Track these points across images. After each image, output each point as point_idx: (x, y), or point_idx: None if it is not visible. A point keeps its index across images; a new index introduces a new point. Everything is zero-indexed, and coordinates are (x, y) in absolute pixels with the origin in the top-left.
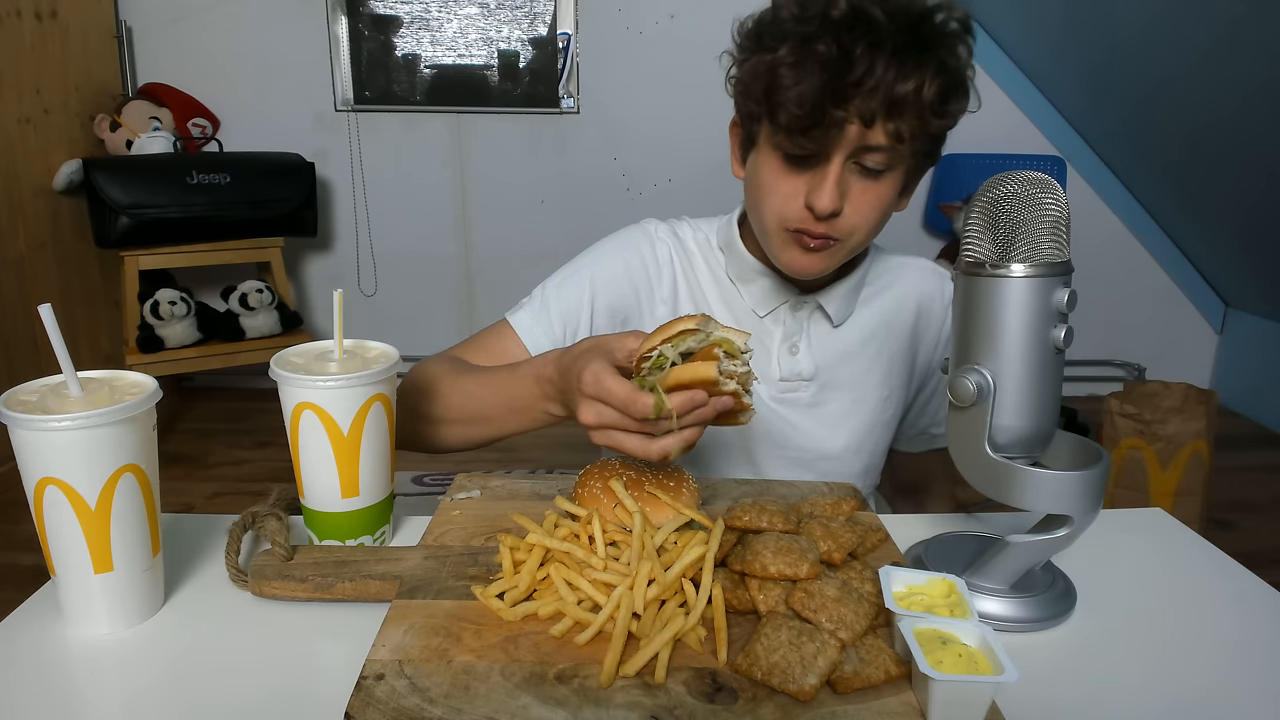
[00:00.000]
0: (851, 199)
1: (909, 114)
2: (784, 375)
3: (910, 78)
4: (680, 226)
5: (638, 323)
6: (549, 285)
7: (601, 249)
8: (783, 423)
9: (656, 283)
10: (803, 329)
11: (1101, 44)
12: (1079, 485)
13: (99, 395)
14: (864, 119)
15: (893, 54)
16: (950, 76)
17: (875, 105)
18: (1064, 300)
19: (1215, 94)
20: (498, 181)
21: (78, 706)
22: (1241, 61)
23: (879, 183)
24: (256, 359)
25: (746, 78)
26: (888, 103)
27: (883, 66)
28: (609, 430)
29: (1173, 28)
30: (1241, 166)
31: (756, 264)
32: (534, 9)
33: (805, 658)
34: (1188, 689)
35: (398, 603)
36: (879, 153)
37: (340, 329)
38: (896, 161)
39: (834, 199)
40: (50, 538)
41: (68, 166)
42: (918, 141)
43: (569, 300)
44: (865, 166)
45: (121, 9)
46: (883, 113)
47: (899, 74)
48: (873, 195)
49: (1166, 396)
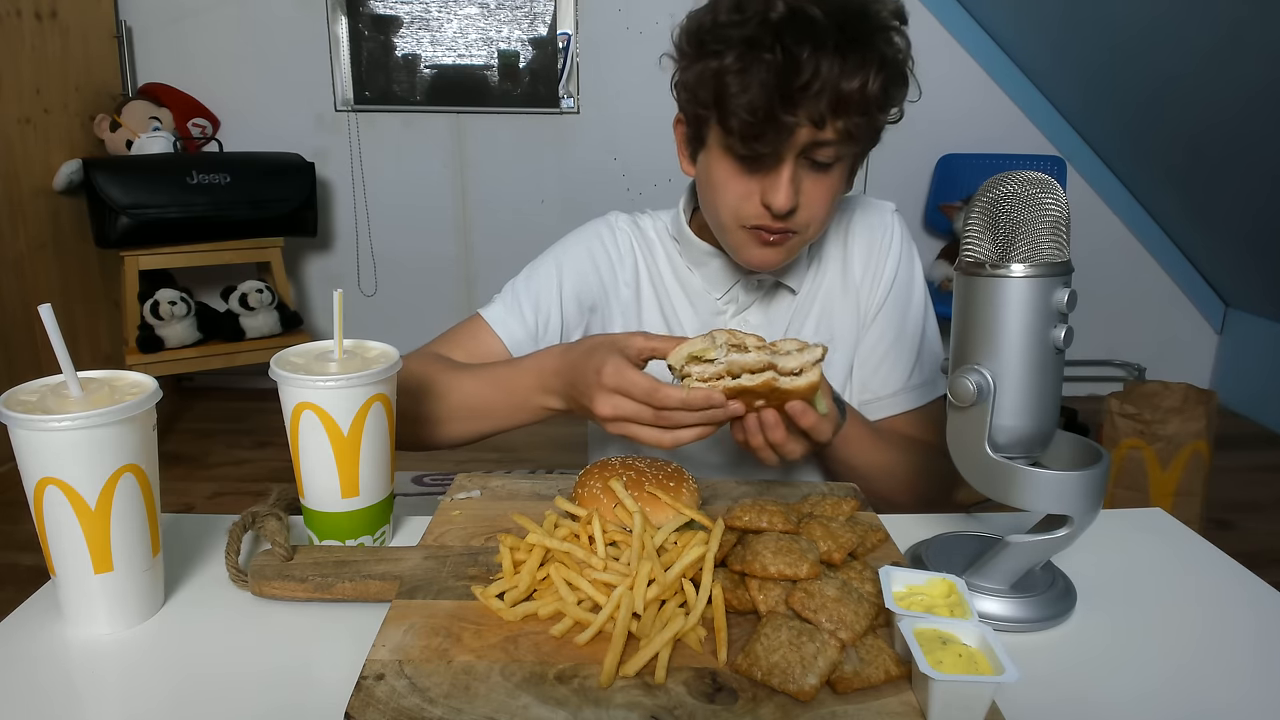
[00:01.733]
0: (805, 193)
1: (855, 110)
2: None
3: (854, 75)
4: (641, 218)
5: (604, 309)
6: (518, 280)
7: (567, 242)
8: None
9: (620, 269)
10: (756, 304)
11: (1103, 45)
12: (1079, 485)
13: (99, 395)
14: (814, 120)
15: (835, 52)
16: (892, 69)
17: (823, 106)
18: (1064, 300)
19: (1219, 96)
20: (498, 181)
21: (78, 706)
22: (1245, 63)
23: (829, 174)
24: (256, 359)
25: (693, 83)
26: (835, 102)
27: (827, 66)
28: (626, 422)
29: (1175, 29)
30: (1246, 169)
31: (706, 247)
32: (534, 9)
33: (805, 658)
34: (1188, 689)
35: (398, 603)
36: (828, 147)
37: (340, 329)
38: (845, 153)
39: (790, 197)
40: (50, 538)
41: (68, 166)
42: (865, 133)
43: (538, 290)
44: (815, 161)
45: (121, 9)
46: (830, 112)
47: (843, 72)
48: (824, 187)
49: (1166, 396)
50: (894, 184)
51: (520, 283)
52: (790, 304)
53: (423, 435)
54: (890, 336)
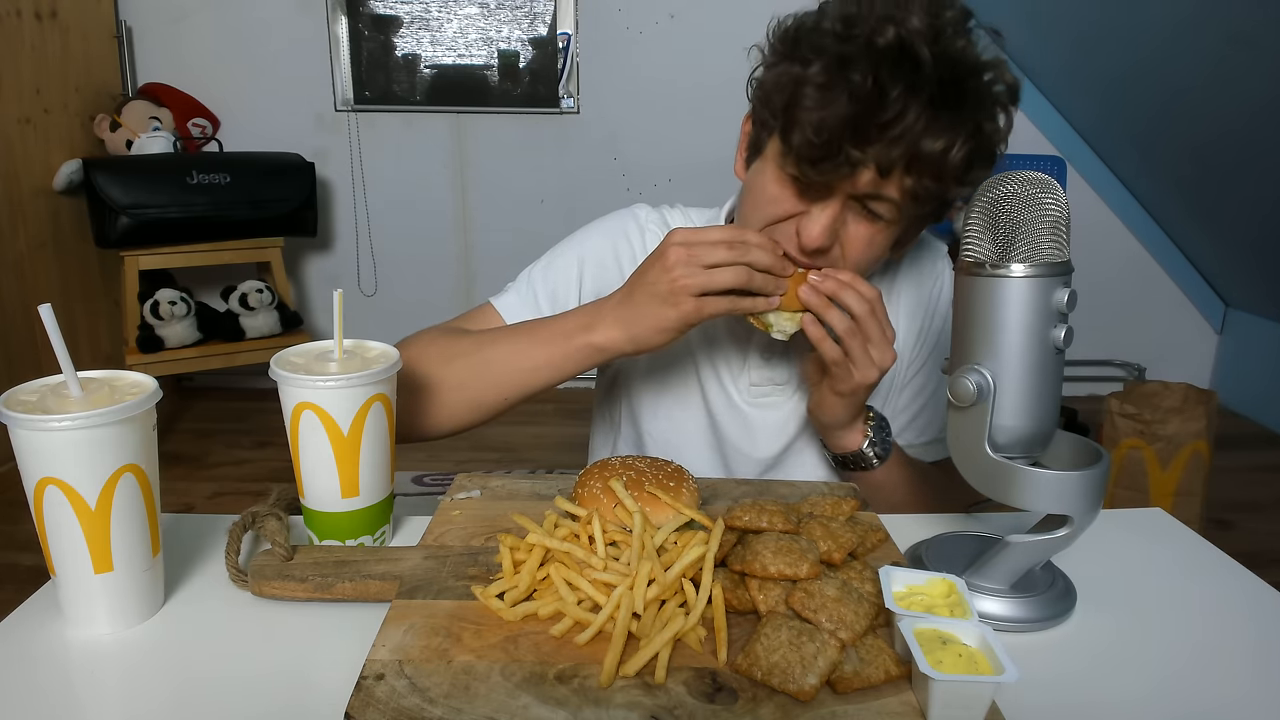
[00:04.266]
0: (845, 239)
1: (928, 173)
2: (755, 380)
3: (941, 135)
4: (671, 214)
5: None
6: (535, 269)
7: (589, 232)
8: (757, 420)
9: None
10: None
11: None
12: (1079, 485)
13: (99, 395)
14: (881, 167)
15: (929, 103)
16: (983, 142)
17: (896, 155)
18: (1064, 300)
19: (1228, 106)
20: (498, 181)
21: (78, 706)
22: (1253, 75)
23: (877, 226)
24: (256, 359)
25: (769, 85)
26: (910, 155)
27: (915, 114)
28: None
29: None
30: (1256, 177)
31: None
32: (534, 9)
33: (805, 658)
34: (1188, 689)
35: (398, 603)
36: (887, 203)
37: (340, 329)
38: (903, 213)
39: (823, 236)
40: (50, 538)
41: (68, 166)
42: (930, 201)
43: (556, 280)
44: (869, 209)
45: (121, 9)
46: (902, 165)
47: (929, 127)
48: (867, 237)
49: (1166, 396)
50: None
51: (538, 272)
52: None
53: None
54: (930, 389)
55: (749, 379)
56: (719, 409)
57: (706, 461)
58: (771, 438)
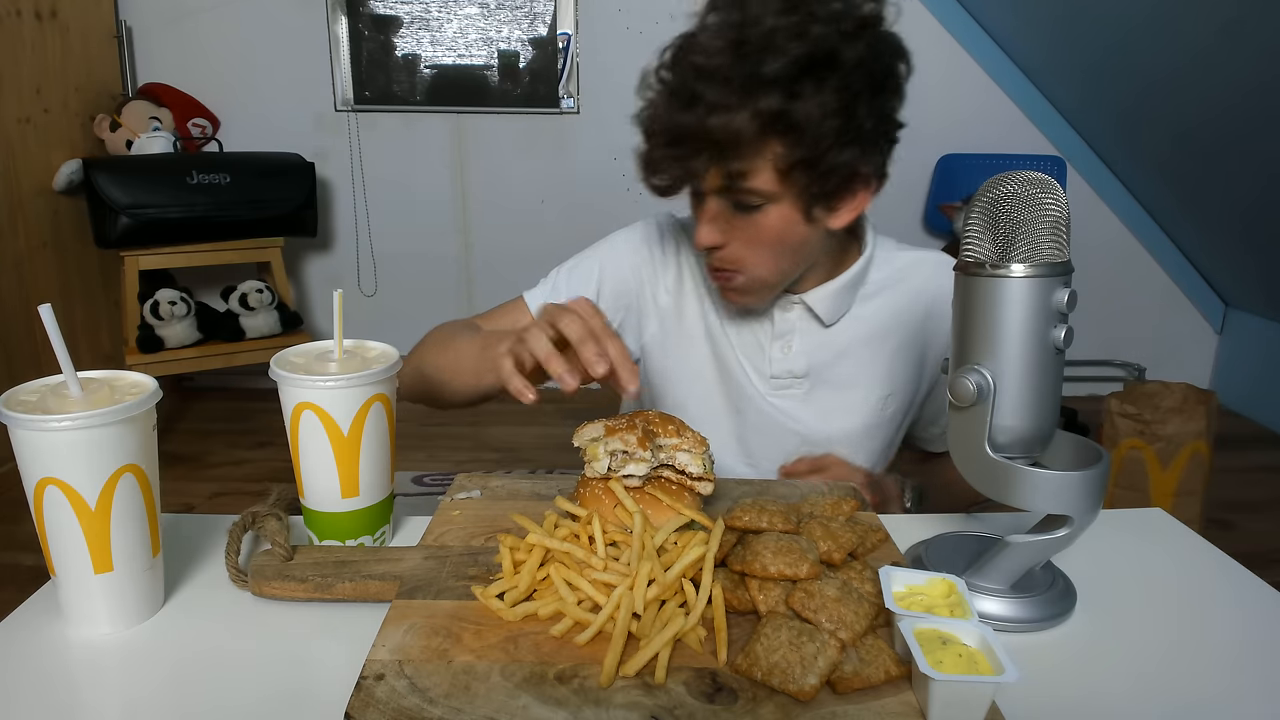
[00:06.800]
0: (734, 234)
1: (734, 154)
2: (775, 373)
3: (727, 112)
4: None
5: (639, 311)
6: (563, 269)
7: (614, 240)
8: (780, 414)
9: (662, 274)
10: (794, 328)
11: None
12: (1079, 485)
13: (99, 395)
14: (689, 159)
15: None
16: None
17: (700, 148)
18: (1064, 300)
19: (1211, 92)
20: (498, 181)
21: (78, 706)
22: (1237, 60)
23: (756, 217)
24: (256, 359)
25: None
26: (708, 143)
27: (707, 104)
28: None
29: (1169, 25)
30: (1239, 166)
31: None
32: (534, 9)
33: (805, 658)
34: (1188, 689)
35: (398, 603)
36: (748, 192)
37: (340, 329)
38: (785, 189)
39: (708, 235)
40: (50, 538)
41: (68, 166)
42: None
43: (579, 284)
44: (739, 200)
45: (121, 9)
46: (711, 154)
47: (715, 109)
48: (753, 230)
49: (1166, 396)
50: (894, 184)
51: (564, 273)
52: (823, 335)
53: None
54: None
55: (770, 370)
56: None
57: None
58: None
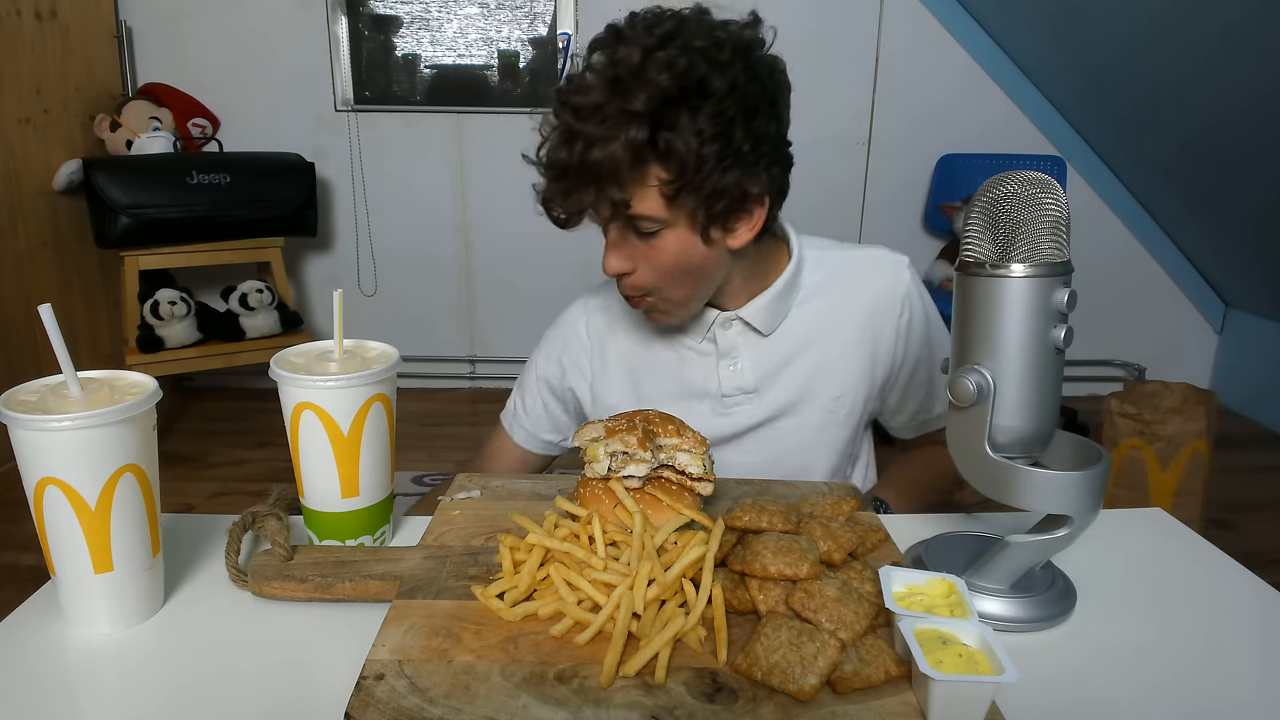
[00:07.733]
0: (639, 259)
1: (613, 181)
2: (726, 391)
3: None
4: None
5: (577, 388)
6: (515, 390)
7: (539, 352)
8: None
9: (581, 358)
10: (735, 345)
11: (1100, 47)
12: (1079, 485)
13: (99, 395)
14: (583, 194)
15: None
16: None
17: (584, 181)
18: (1064, 300)
19: (1217, 97)
20: (498, 181)
21: (78, 706)
22: (1243, 66)
23: (655, 242)
24: (256, 359)
25: None
26: (591, 177)
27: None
28: None
29: (1172, 30)
30: (1248, 170)
31: None
32: (534, 9)
33: (805, 658)
34: (1188, 689)
35: (398, 603)
36: (640, 218)
37: (340, 329)
38: (675, 212)
39: (614, 262)
40: (50, 538)
41: (68, 166)
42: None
43: (530, 402)
44: (635, 227)
45: (121, 9)
46: (587, 185)
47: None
48: (654, 254)
49: (1166, 396)
50: (894, 184)
51: (517, 395)
52: (766, 346)
53: None
54: (923, 374)
55: (720, 390)
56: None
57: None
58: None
